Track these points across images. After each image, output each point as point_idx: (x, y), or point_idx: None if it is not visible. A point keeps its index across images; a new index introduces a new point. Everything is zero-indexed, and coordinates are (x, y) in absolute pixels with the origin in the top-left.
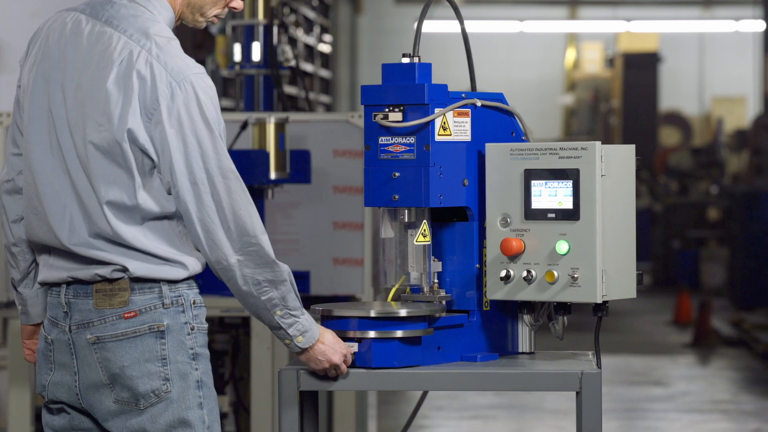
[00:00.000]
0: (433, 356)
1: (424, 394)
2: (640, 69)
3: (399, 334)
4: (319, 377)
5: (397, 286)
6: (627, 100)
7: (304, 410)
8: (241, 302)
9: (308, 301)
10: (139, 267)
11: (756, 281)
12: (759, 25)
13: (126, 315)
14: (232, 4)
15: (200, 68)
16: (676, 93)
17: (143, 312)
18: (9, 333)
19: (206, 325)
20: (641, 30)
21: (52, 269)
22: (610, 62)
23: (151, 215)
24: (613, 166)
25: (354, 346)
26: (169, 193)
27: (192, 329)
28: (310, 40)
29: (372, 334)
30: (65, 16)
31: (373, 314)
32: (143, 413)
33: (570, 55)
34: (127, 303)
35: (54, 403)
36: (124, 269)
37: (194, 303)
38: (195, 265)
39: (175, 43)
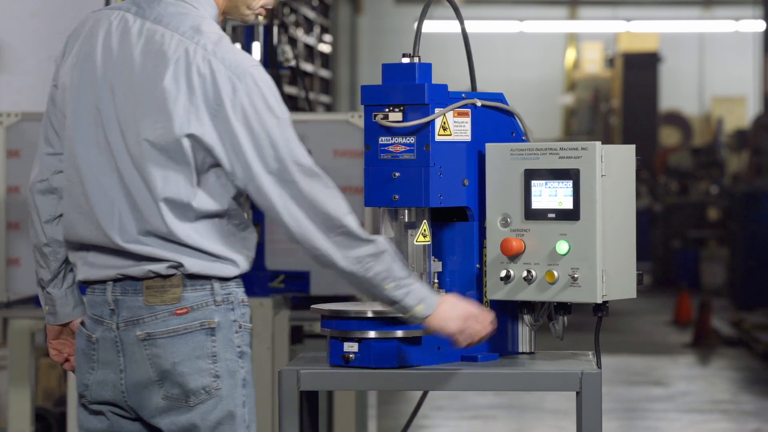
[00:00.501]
0: (433, 356)
1: (424, 394)
2: (640, 69)
3: (399, 334)
4: (320, 377)
5: None
6: (627, 100)
7: (304, 410)
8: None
9: (308, 301)
10: (193, 264)
11: (756, 281)
12: (759, 25)
13: (178, 311)
14: None
15: (256, 61)
16: (676, 93)
17: (195, 309)
18: (9, 333)
19: (251, 325)
20: (641, 30)
21: (94, 268)
22: (610, 62)
23: (204, 212)
24: (613, 166)
25: (354, 346)
26: (239, 190)
27: (240, 327)
28: (310, 40)
29: (372, 334)
30: (108, 15)
31: (373, 314)
32: (192, 410)
33: (570, 55)
34: (180, 299)
35: (96, 403)
36: (179, 265)
37: (242, 301)
38: (244, 263)
39: (227, 38)
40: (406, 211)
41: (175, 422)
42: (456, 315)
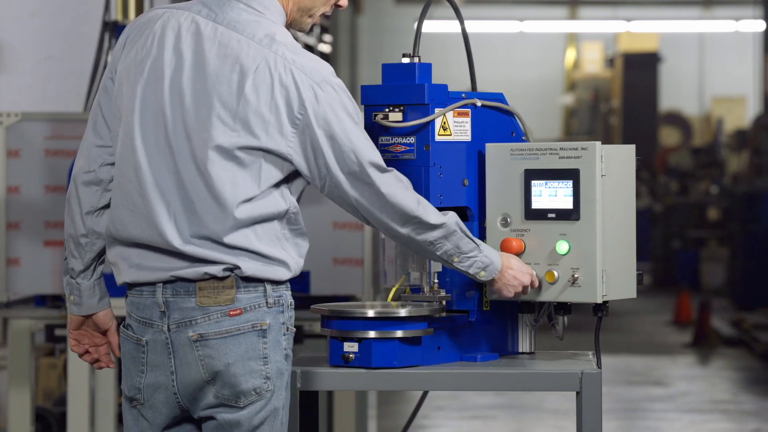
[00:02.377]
0: (433, 356)
1: (424, 394)
2: (640, 69)
3: (399, 334)
4: (320, 377)
5: (397, 286)
6: (627, 100)
7: (304, 410)
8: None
9: (308, 301)
10: (249, 267)
11: (756, 281)
12: (759, 25)
13: (231, 312)
14: (340, 3)
15: (330, 67)
16: (676, 93)
17: (248, 310)
18: (9, 333)
19: (294, 329)
20: (641, 30)
21: (143, 270)
22: (610, 62)
23: (265, 216)
24: (613, 166)
25: (354, 346)
26: (299, 197)
27: (287, 330)
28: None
29: (372, 334)
30: (177, 15)
31: (373, 314)
32: (242, 410)
33: (570, 55)
34: (234, 301)
35: (150, 408)
36: (235, 267)
37: (291, 304)
38: (295, 268)
39: (300, 46)
40: None
41: (222, 416)
42: (519, 276)
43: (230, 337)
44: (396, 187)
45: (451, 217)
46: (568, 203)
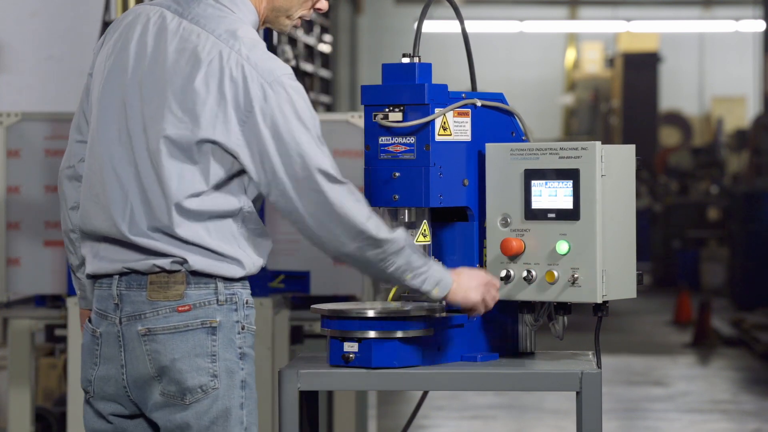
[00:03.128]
0: (433, 356)
1: (424, 394)
2: (640, 69)
3: (399, 334)
4: (320, 377)
5: (397, 286)
6: (627, 100)
7: (304, 410)
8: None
9: (308, 301)
10: (198, 261)
11: (756, 281)
12: (759, 25)
13: (180, 308)
14: (318, 5)
15: (289, 69)
16: (676, 93)
17: (197, 306)
18: (9, 333)
19: (255, 327)
20: (641, 30)
21: (103, 261)
22: (610, 62)
23: (216, 212)
24: (613, 166)
25: (354, 346)
26: (261, 195)
27: (242, 328)
28: (310, 40)
29: (372, 334)
30: (148, 10)
31: (373, 314)
32: (188, 408)
33: (570, 55)
34: (183, 296)
35: (101, 400)
36: (183, 261)
37: (246, 303)
38: (251, 266)
39: (262, 45)
40: (406, 211)
41: (171, 420)
42: (474, 286)
43: (178, 333)
44: (347, 200)
45: (401, 233)
46: (568, 203)
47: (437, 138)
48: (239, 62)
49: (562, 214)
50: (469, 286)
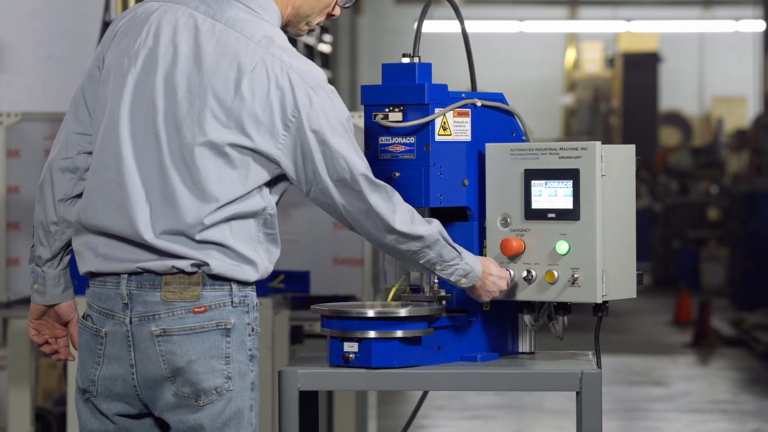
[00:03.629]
0: (433, 356)
1: (424, 394)
2: (640, 69)
3: (399, 334)
4: (320, 377)
5: (397, 286)
6: (627, 100)
7: (304, 410)
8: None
9: (308, 301)
10: (217, 264)
11: (756, 281)
12: (759, 25)
13: (196, 309)
14: (333, 12)
15: (324, 74)
16: (676, 93)
17: (213, 308)
18: (9, 333)
19: (260, 330)
20: (641, 30)
21: (109, 260)
22: (610, 62)
23: (240, 214)
24: (613, 166)
25: (354, 346)
26: (279, 198)
27: (252, 330)
28: (310, 40)
29: (372, 334)
30: (175, 9)
31: (373, 314)
32: (201, 410)
33: (570, 55)
34: (199, 298)
35: (107, 399)
36: (203, 264)
37: (256, 305)
38: (264, 271)
39: (295, 50)
40: None
41: (183, 420)
42: (499, 283)
43: (194, 334)
44: (383, 202)
45: (435, 226)
46: (568, 203)
47: (437, 138)
48: (284, 69)
49: (562, 214)
50: (500, 275)
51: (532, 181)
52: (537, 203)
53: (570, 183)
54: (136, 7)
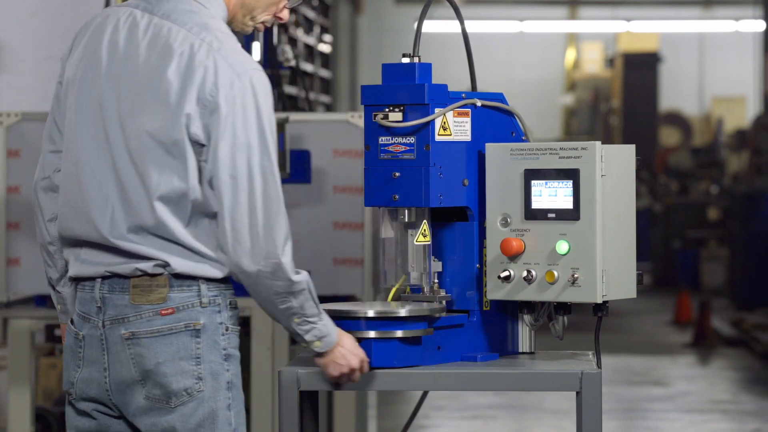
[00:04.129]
0: (433, 356)
1: (424, 394)
2: (640, 69)
3: (399, 334)
4: (322, 379)
5: (397, 286)
6: (627, 100)
7: (304, 410)
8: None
9: None
10: (180, 263)
11: (756, 281)
12: (759, 25)
13: (163, 312)
14: (280, 14)
15: (259, 66)
16: (676, 93)
17: (180, 309)
18: (9, 333)
19: (239, 327)
20: (641, 30)
21: (85, 264)
22: (610, 62)
23: (198, 210)
24: (613, 166)
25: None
26: (210, 185)
27: (226, 330)
28: (310, 40)
29: (372, 334)
30: (118, 12)
31: (373, 314)
32: (173, 411)
33: (570, 55)
34: (165, 299)
35: (83, 401)
36: (166, 264)
37: (230, 304)
38: None
39: (234, 38)
40: (406, 211)
41: (156, 423)
42: (357, 353)
43: (161, 337)
44: (276, 214)
45: (305, 275)
46: (568, 203)
47: (437, 138)
48: (210, 53)
49: (562, 214)
50: (353, 351)
51: (532, 181)
52: (537, 203)
53: (570, 183)
54: (89, 20)
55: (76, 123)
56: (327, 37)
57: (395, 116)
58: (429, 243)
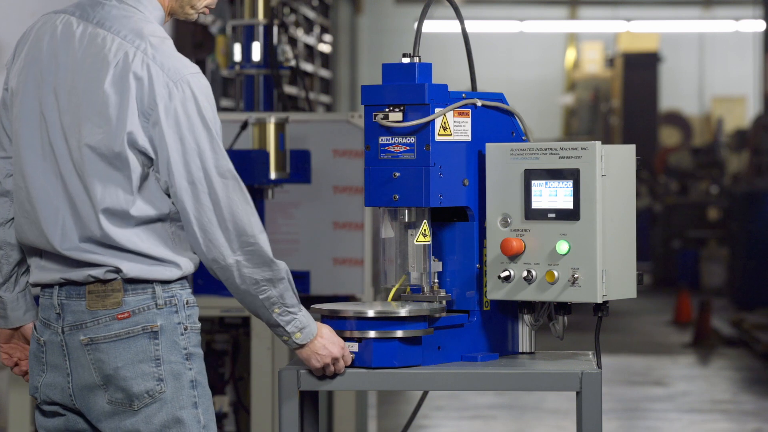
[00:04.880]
0: (433, 356)
1: (424, 394)
2: (640, 69)
3: (399, 334)
4: (318, 377)
5: (397, 286)
6: (627, 100)
7: (304, 410)
8: (238, 300)
9: (308, 301)
10: (132, 268)
11: (756, 281)
12: (759, 25)
13: (119, 316)
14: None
15: (196, 68)
16: (676, 93)
17: (136, 313)
18: None
19: (199, 325)
20: (641, 30)
21: (44, 271)
22: (610, 62)
23: (145, 218)
24: (613, 166)
25: (354, 346)
26: (167, 194)
27: (185, 329)
28: (310, 40)
29: (372, 334)
30: (54, 18)
31: (373, 314)
32: (137, 414)
33: (570, 55)
34: (121, 304)
35: (48, 404)
36: (118, 270)
37: (187, 303)
38: (188, 266)
39: (169, 42)
40: (406, 211)
41: (120, 427)
42: (336, 342)
43: (120, 341)
44: (242, 206)
45: (284, 264)
46: (568, 203)
47: (437, 138)
48: (144, 61)
49: (562, 214)
50: (332, 341)
51: (532, 181)
52: (537, 203)
53: (570, 183)
54: (29, 27)
55: (20, 134)
56: (327, 37)
57: (395, 116)
58: (429, 243)
